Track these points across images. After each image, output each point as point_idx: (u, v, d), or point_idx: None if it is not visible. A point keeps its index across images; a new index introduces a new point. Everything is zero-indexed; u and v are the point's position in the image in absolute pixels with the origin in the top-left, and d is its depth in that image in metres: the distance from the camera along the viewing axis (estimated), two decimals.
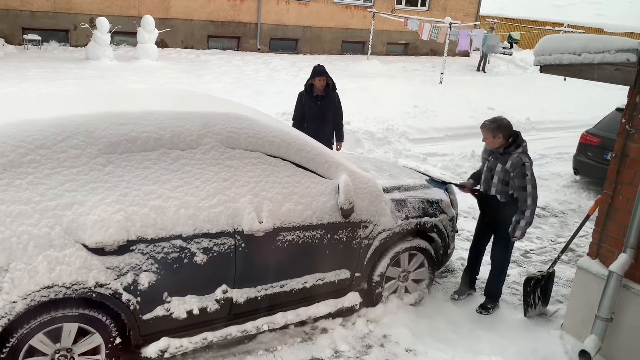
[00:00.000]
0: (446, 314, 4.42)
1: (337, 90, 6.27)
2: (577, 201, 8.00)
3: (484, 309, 4.60)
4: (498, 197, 4.31)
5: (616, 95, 12.49)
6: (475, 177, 4.70)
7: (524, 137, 4.33)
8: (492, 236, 4.60)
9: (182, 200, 3.20)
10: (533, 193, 4.17)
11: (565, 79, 17.10)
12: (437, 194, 4.60)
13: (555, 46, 3.66)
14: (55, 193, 2.88)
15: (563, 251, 4.71)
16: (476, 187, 4.65)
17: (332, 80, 6.14)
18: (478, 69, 22.04)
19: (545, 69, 3.91)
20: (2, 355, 2.81)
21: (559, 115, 14.08)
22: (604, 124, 8.44)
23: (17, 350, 2.84)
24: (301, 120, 6.11)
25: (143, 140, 3.17)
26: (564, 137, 12.17)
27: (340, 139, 6.41)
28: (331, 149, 6.16)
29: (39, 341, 2.91)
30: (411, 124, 11.01)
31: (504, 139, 4.20)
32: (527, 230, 4.30)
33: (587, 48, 3.39)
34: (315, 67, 6.10)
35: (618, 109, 8.17)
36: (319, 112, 6.08)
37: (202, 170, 3.31)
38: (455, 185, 4.78)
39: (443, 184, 4.72)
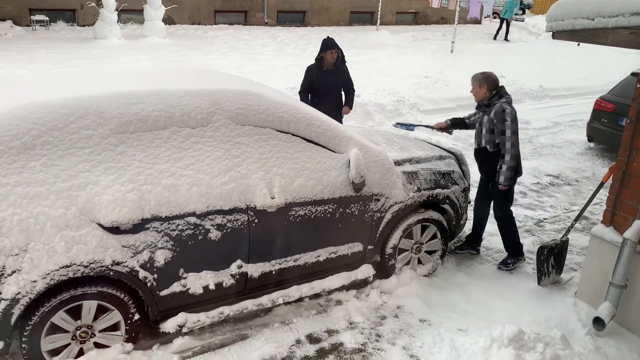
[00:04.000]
0: (459, 285, 4.45)
1: (346, 63, 6.21)
2: (591, 169, 7.93)
3: (503, 264, 4.78)
4: (487, 147, 4.54)
5: (631, 60, 12.26)
6: (455, 122, 5.06)
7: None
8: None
9: (195, 178, 3.22)
10: (512, 138, 4.37)
11: (578, 45, 16.78)
12: (449, 165, 4.58)
13: (568, 11, 3.57)
14: (69, 174, 2.91)
15: (577, 219, 4.69)
16: (448, 128, 5.05)
17: (342, 53, 6.07)
18: (495, 37, 21.52)
19: (557, 35, 3.83)
20: (25, 333, 2.90)
21: (573, 82, 13.86)
22: (619, 89, 8.30)
23: (39, 328, 2.92)
24: (307, 92, 6.06)
25: (154, 119, 3.18)
26: (577, 104, 12.01)
27: (348, 103, 6.32)
28: (341, 120, 6.13)
29: (60, 319, 2.99)
30: (422, 94, 10.92)
31: (488, 90, 4.49)
32: (511, 176, 4.45)
33: (601, 12, 3.31)
34: (325, 40, 6.02)
35: (633, 74, 8.03)
36: (330, 85, 6.03)
37: (213, 148, 3.32)
38: (427, 127, 5.12)
39: (412, 127, 5.05)
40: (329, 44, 5.93)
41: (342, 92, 6.24)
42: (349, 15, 23.14)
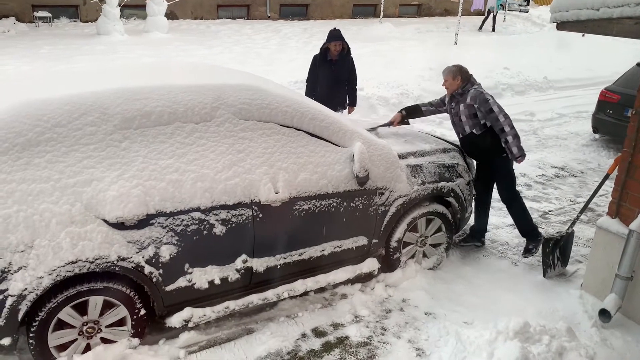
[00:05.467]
0: (465, 277, 4.45)
1: (351, 55, 6.20)
2: (596, 160, 7.89)
3: (527, 252, 4.76)
4: (474, 131, 4.56)
5: (636, 50, 12.17)
6: (409, 111, 5.04)
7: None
8: (494, 180, 4.76)
9: (199, 173, 3.22)
10: (502, 111, 4.43)
11: (583, 36, 16.65)
12: (453, 158, 4.57)
13: (573, 2, 3.54)
14: (74, 170, 2.92)
15: (582, 211, 4.67)
16: (404, 119, 5.01)
17: (348, 45, 6.07)
18: (493, 29, 21.48)
19: (562, 26, 3.80)
20: (32, 329, 2.91)
21: (578, 73, 13.79)
22: (624, 80, 8.25)
23: (46, 324, 2.94)
24: (315, 83, 6.08)
25: (157, 114, 3.18)
26: (582, 95, 11.94)
27: (352, 103, 6.35)
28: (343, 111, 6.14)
29: (67, 314, 3.00)
30: (426, 87, 10.87)
31: (461, 81, 4.57)
32: (520, 145, 4.44)
33: (605, 2, 3.28)
34: (331, 30, 6.04)
35: (638, 65, 7.98)
36: (333, 76, 6.03)
37: (216, 143, 3.32)
38: (384, 125, 5.03)
39: (372, 130, 4.97)
40: (334, 35, 5.95)
41: (346, 84, 6.23)
42: (352, 8, 23.05)
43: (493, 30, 21.27)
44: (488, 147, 4.55)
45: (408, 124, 5.15)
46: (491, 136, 4.51)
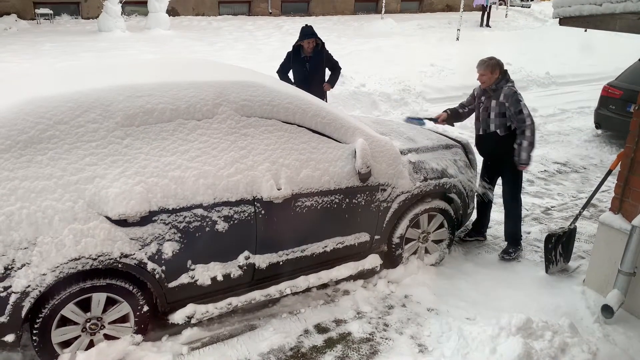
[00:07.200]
0: (467, 273, 4.45)
1: (326, 49, 6.17)
2: (598, 156, 7.88)
3: (505, 253, 4.76)
4: (498, 131, 4.49)
5: (639, 46, 12.11)
6: (453, 111, 4.97)
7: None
8: (500, 178, 4.75)
9: (201, 170, 3.22)
10: (530, 116, 4.36)
11: (586, 31, 16.59)
12: (455, 154, 4.56)
13: None
14: (76, 167, 2.92)
15: (585, 207, 4.66)
16: (450, 120, 4.99)
17: (321, 41, 6.04)
18: (485, 24, 21.25)
19: (564, 21, 3.79)
20: (36, 326, 2.92)
21: (580, 69, 13.75)
22: (627, 75, 8.23)
23: (50, 320, 2.95)
24: (284, 72, 6.10)
25: (159, 111, 3.18)
26: (585, 91, 11.92)
27: (330, 81, 6.28)
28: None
29: (70, 311, 3.01)
30: (428, 83, 10.86)
31: (500, 74, 4.45)
32: (531, 153, 4.38)
33: None
34: (303, 28, 6.01)
35: None
36: (308, 73, 6.01)
37: (219, 140, 3.32)
38: (431, 119, 5.07)
39: (421, 120, 5.08)
40: (306, 33, 5.92)
41: (325, 77, 6.22)
42: (354, 3, 23.00)
43: (487, 24, 21.06)
44: (507, 150, 4.46)
45: (453, 125, 5.11)
46: (512, 142, 4.44)
